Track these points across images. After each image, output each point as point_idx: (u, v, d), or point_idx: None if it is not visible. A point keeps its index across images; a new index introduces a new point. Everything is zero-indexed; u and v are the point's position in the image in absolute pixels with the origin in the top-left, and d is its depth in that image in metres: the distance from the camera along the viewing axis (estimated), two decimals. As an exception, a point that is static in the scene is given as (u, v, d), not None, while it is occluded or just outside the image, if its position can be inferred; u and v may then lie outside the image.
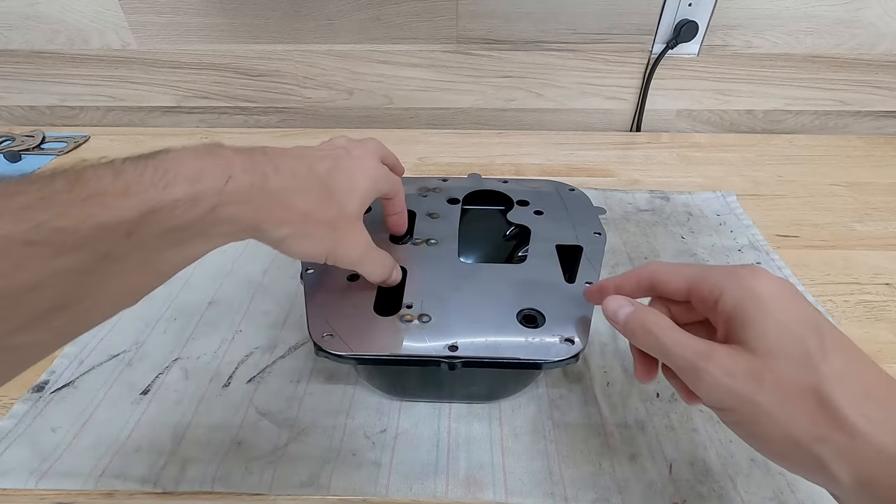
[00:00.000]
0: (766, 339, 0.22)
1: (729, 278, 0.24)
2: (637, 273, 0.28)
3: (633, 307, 0.27)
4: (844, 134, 0.77)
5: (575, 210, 0.43)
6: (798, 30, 0.68)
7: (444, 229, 0.40)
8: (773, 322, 0.22)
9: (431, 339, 0.31)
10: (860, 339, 0.40)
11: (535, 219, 0.41)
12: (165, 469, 0.32)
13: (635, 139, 0.75)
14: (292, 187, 0.26)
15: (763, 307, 0.23)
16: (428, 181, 0.46)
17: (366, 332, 0.31)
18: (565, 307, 0.33)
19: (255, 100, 0.77)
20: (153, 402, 0.36)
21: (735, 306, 0.23)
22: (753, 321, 0.23)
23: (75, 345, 0.40)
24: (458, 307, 0.33)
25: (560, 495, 0.31)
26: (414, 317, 0.32)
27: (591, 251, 0.38)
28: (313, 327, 0.31)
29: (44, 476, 0.32)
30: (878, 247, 0.52)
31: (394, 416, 0.36)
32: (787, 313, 0.23)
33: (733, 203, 0.58)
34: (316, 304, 0.33)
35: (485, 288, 0.34)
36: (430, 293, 0.34)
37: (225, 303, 0.44)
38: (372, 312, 0.32)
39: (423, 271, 0.36)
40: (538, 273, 0.36)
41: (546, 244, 0.38)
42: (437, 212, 0.42)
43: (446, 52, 0.71)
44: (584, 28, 0.69)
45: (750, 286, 0.24)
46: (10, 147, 0.68)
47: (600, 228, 0.40)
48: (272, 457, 0.33)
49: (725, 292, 0.24)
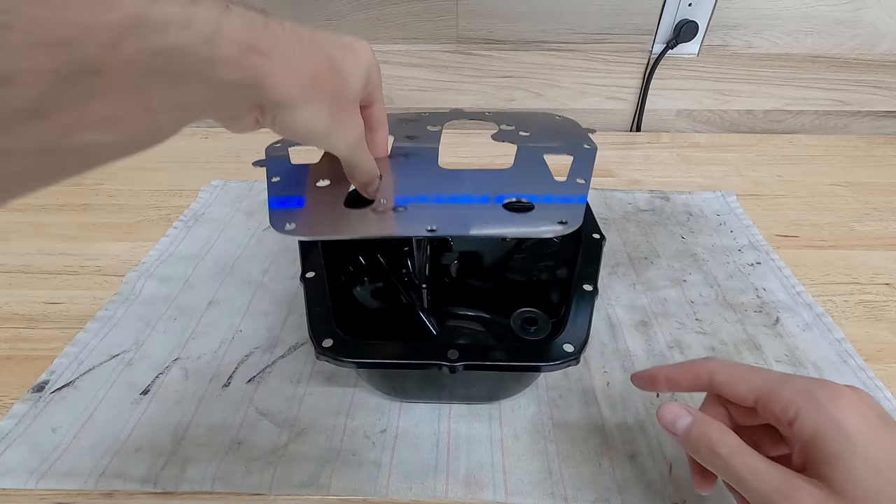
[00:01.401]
0: (857, 483, 0.20)
1: (806, 399, 0.22)
2: (694, 369, 0.27)
3: (693, 418, 0.25)
4: (844, 134, 0.77)
5: (563, 130, 0.40)
6: (798, 30, 0.68)
7: (425, 146, 0.36)
8: (862, 461, 0.20)
9: (408, 224, 0.28)
10: (860, 339, 0.41)
11: (521, 138, 0.38)
12: (165, 469, 0.32)
13: (635, 139, 0.75)
14: (297, 44, 0.23)
15: (849, 442, 0.21)
16: (404, 115, 0.42)
17: (336, 219, 0.29)
18: (556, 198, 0.30)
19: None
20: (153, 402, 0.36)
21: (815, 434, 0.21)
22: (839, 458, 0.20)
23: (75, 345, 0.40)
24: (437, 200, 0.30)
25: (560, 495, 0.31)
26: (388, 208, 0.29)
27: (582, 160, 0.34)
28: (314, 332, 0.31)
29: (44, 476, 0.32)
30: (878, 247, 0.52)
31: (394, 416, 0.36)
32: (877, 449, 0.20)
33: (733, 203, 0.58)
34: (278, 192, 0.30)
35: (467, 185, 0.32)
36: (407, 191, 0.31)
37: (225, 303, 0.44)
38: (342, 207, 0.30)
39: (399, 176, 0.33)
40: (525, 174, 0.33)
41: (533, 152, 0.35)
42: (418, 135, 0.38)
43: (446, 52, 0.71)
44: (584, 28, 0.69)
45: (832, 413, 0.21)
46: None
47: (590, 143, 0.37)
48: (272, 457, 0.33)
49: (802, 416, 0.22)
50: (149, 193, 0.60)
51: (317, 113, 0.24)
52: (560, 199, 0.30)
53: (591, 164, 0.34)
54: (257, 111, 0.23)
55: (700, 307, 0.44)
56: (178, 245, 0.51)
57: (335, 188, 0.31)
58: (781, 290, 0.46)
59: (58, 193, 0.60)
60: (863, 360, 0.39)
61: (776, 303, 0.45)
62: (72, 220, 0.55)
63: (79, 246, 0.51)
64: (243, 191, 0.60)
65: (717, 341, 0.41)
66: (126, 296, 0.45)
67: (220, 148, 0.71)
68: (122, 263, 0.49)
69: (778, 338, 0.41)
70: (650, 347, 0.41)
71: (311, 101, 0.24)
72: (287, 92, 0.22)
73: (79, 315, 0.43)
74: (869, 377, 0.38)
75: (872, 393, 0.36)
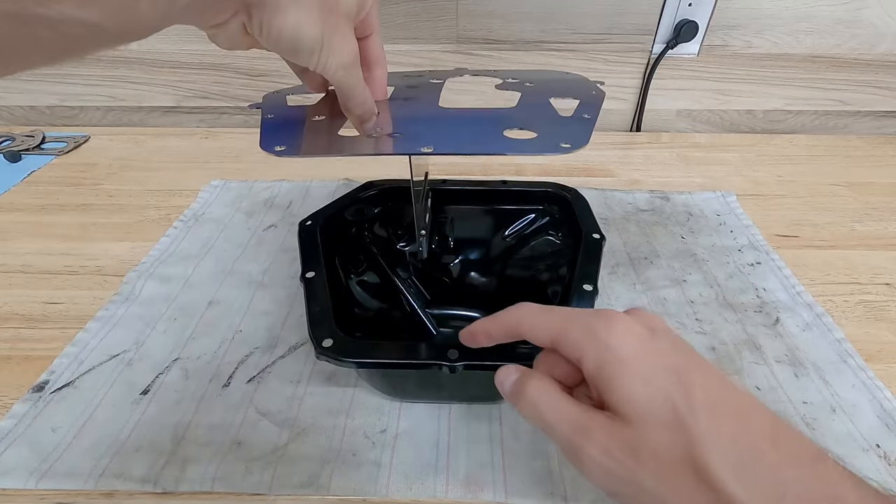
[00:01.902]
0: (634, 403, 0.20)
1: (588, 333, 0.22)
2: (505, 318, 0.25)
3: (520, 374, 0.24)
4: (844, 134, 0.77)
5: (569, 80, 0.40)
6: (798, 30, 0.68)
7: (426, 92, 0.35)
8: (631, 379, 0.20)
9: (404, 145, 0.27)
10: (860, 339, 0.41)
11: (527, 88, 0.37)
12: (165, 469, 0.32)
13: (635, 139, 0.75)
14: None
15: (620, 363, 0.20)
16: (406, 72, 0.42)
17: (328, 141, 0.27)
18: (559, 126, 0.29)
19: (256, 100, 0.76)
20: (153, 402, 0.36)
21: (597, 367, 0.21)
22: (613, 381, 0.20)
23: (75, 345, 0.40)
24: (435, 125, 0.29)
25: (560, 495, 0.31)
26: (383, 133, 0.28)
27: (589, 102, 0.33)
28: (314, 332, 0.31)
29: (44, 476, 0.32)
30: (878, 247, 0.52)
31: (394, 416, 0.36)
32: (643, 362, 0.20)
33: (733, 203, 0.58)
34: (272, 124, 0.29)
35: (467, 117, 0.31)
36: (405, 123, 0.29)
37: (225, 303, 0.44)
38: (336, 133, 0.28)
39: (398, 113, 0.31)
40: (529, 111, 0.32)
41: (538, 96, 0.34)
42: (418, 86, 0.37)
43: (446, 52, 0.71)
44: (584, 28, 0.69)
45: (607, 341, 0.21)
46: (10, 147, 0.68)
47: (598, 91, 0.36)
48: (272, 457, 0.33)
49: (586, 351, 0.22)
50: (149, 193, 0.60)
51: (306, 16, 0.22)
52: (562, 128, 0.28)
53: (599, 106, 0.32)
54: (244, 14, 0.22)
55: (700, 307, 0.44)
56: (178, 245, 0.51)
57: (331, 122, 0.29)
58: (781, 290, 0.46)
59: (58, 193, 0.60)
60: (863, 360, 0.39)
61: (776, 303, 0.45)
62: (72, 220, 0.55)
63: (79, 246, 0.51)
64: (243, 191, 0.60)
65: (717, 341, 0.41)
66: (126, 296, 0.45)
67: (220, 148, 0.71)
68: (122, 263, 0.49)
69: (778, 338, 0.41)
70: (650, 347, 0.41)
71: (299, 1, 0.22)
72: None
73: (79, 315, 0.43)
74: (869, 377, 0.38)
75: (872, 393, 0.37)
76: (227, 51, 0.26)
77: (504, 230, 0.46)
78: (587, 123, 0.29)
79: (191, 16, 0.21)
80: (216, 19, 0.22)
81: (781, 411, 0.36)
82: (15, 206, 0.58)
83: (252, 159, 0.68)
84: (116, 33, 0.19)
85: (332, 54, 0.25)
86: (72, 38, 0.18)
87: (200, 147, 0.71)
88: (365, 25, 0.29)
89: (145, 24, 0.19)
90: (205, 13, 0.21)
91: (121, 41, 0.20)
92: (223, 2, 0.21)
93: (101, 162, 0.66)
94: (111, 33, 0.19)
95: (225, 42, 0.24)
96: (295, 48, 0.24)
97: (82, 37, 0.18)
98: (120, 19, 0.19)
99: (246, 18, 0.22)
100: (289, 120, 0.31)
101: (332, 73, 0.26)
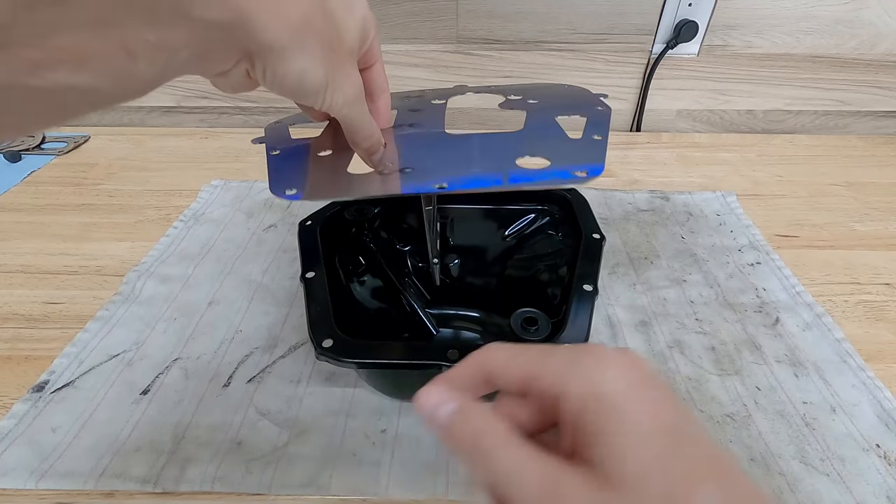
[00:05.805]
0: (626, 466, 0.16)
1: (572, 369, 0.18)
2: (469, 362, 0.21)
3: (458, 404, 0.19)
4: (844, 134, 0.77)
5: (573, 95, 0.39)
6: (798, 30, 0.68)
7: (430, 116, 0.35)
8: (633, 437, 0.17)
9: (415, 182, 0.26)
10: (860, 339, 0.41)
11: (530, 105, 0.36)
12: (165, 469, 0.32)
13: (635, 139, 0.75)
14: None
15: (614, 411, 0.17)
16: (406, 92, 0.41)
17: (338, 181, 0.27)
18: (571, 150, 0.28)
19: (255, 100, 0.77)
20: (153, 402, 0.36)
21: (581, 409, 0.17)
22: (606, 435, 0.17)
23: (75, 345, 0.40)
24: (445, 159, 0.28)
25: (560, 495, 0.31)
26: (393, 170, 0.27)
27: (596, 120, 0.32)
28: (314, 332, 0.31)
29: (44, 476, 0.32)
30: (878, 247, 0.52)
31: (394, 416, 0.36)
32: (642, 417, 0.17)
33: (733, 203, 0.58)
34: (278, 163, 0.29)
35: (477, 146, 0.30)
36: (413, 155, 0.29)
37: (225, 303, 0.44)
38: (345, 171, 0.28)
39: (405, 144, 0.30)
40: (537, 135, 0.31)
41: (544, 115, 0.33)
42: (421, 108, 0.36)
43: (446, 52, 0.71)
44: (584, 28, 0.69)
45: (596, 378, 0.18)
46: (9, 147, 0.68)
47: (604, 106, 0.34)
48: (272, 457, 0.33)
49: (568, 389, 0.18)
50: (149, 193, 0.60)
51: (310, 60, 0.22)
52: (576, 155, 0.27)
53: (607, 124, 0.31)
54: (246, 62, 0.21)
55: (700, 307, 0.44)
56: (178, 245, 0.51)
57: (338, 157, 0.29)
58: (781, 290, 0.46)
59: (58, 193, 0.60)
60: (863, 360, 0.39)
61: (776, 303, 0.45)
62: (72, 220, 0.55)
63: (79, 246, 0.51)
64: (243, 191, 0.60)
65: (717, 341, 0.41)
66: (126, 296, 0.45)
67: (220, 148, 0.71)
68: (122, 263, 0.49)
69: (778, 338, 0.41)
70: (650, 347, 0.41)
71: (303, 46, 0.22)
72: (275, 34, 0.21)
73: (79, 315, 0.43)
74: (869, 377, 0.38)
75: (872, 393, 0.37)
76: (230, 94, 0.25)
77: (504, 230, 0.46)
78: (599, 146, 0.28)
79: (192, 67, 0.20)
80: (219, 68, 0.21)
81: (781, 411, 0.36)
82: (15, 206, 0.58)
83: (252, 159, 0.68)
84: (115, 95, 0.19)
85: (337, 93, 0.24)
86: (67, 103, 0.18)
87: (200, 147, 0.71)
88: (367, 57, 0.28)
89: (145, 82, 0.19)
90: (206, 63, 0.21)
91: (120, 101, 0.19)
92: (225, 52, 0.21)
93: (101, 162, 0.66)
94: (109, 95, 0.19)
95: (228, 88, 0.23)
96: (301, 92, 0.23)
97: (78, 101, 0.18)
98: (117, 82, 0.18)
99: (249, 66, 0.22)
100: (294, 155, 0.31)
101: (338, 111, 0.25)
